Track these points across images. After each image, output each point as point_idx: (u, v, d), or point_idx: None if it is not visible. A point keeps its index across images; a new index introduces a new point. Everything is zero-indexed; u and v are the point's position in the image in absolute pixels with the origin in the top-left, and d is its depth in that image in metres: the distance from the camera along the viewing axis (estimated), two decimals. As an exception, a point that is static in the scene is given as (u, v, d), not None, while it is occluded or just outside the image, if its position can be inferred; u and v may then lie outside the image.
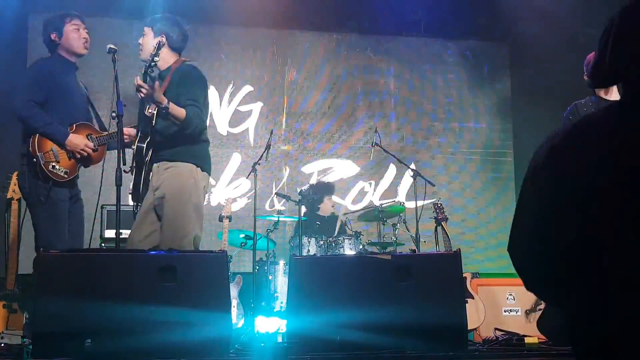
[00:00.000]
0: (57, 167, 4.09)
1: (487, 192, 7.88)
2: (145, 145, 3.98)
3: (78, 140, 4.15)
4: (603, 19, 1.58)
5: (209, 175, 4.16)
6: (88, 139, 4.22)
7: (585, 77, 4.17)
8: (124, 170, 3.91)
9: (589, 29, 6.97)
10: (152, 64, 3.89)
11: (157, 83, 3.89)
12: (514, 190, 7.87)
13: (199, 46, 7.28)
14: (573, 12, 6.87)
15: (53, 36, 4.30)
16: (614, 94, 4.07)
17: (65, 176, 4.13)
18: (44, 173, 4.05)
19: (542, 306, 5.33)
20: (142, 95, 3.86)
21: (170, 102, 3.88)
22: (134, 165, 4.05)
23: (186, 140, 4.01)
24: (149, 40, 4.13)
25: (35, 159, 4.03)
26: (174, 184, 3.96)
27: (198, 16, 7.36)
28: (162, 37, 4.10)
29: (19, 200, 4.96)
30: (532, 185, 1.50)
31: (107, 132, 4.34)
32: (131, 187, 4.05)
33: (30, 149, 4.04)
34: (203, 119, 4.07)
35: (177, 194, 3.94)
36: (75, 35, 4.31)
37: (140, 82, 3.84)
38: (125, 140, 4.12)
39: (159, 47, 3.91)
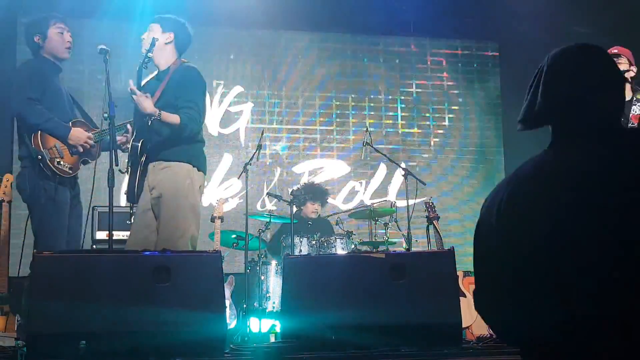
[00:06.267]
0: (62, 162, 4.04)
1: (477, 190, 7.89)
2: (140, 145, 3.95)
3: (80, 133, 4.11)
4: (593, 17, 1.61)
5: (205, 174, 4.14)
6: None
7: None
8: (120, 171, 3.89)
9: (578, 27, 7.01)
10: (146, 59, 3.87)
11: (147, 95, 3.86)
12: (504, 188, 7.87)
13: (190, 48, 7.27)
14: (562, 10, 6.91)
15: (36, 39, 4.22)
16: None
17: (70, 172, 4.09)
18: (51, 170, 3.99)
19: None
20: (134, 101, 3.84)
21: (162, 112, 3.84)
22: (129, 164, 4.03)
23: (182, 141, 3.98)
24: (156, 36, 4.07)
25: (40, 156, 3.95)
26: (171, 184, 3.93)
27: (188, 18, 7.33)
28: (171, 34, 4.08)
29: (9, 202, 4.94)
30: (495, 242, 1.54)
31: (101, 129, 4.28)
32: (126, 187, 4.03)
33: (34, 146, 3.96)
34: (199, 122, 4.04)
35: (174, 193, 3.92)
36: (59, 39, 4.23)
37: (133, 87, 3.82)
38: (119, 142, 4.09)
39: (153, 43, 3.89)
